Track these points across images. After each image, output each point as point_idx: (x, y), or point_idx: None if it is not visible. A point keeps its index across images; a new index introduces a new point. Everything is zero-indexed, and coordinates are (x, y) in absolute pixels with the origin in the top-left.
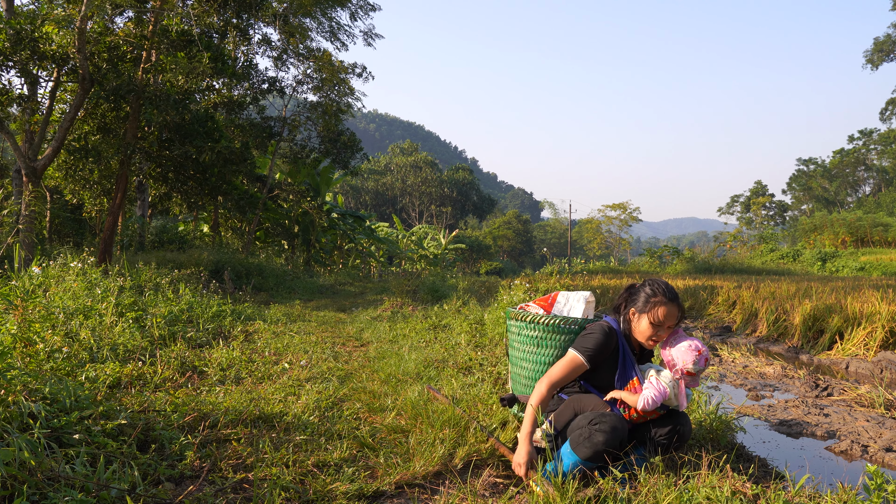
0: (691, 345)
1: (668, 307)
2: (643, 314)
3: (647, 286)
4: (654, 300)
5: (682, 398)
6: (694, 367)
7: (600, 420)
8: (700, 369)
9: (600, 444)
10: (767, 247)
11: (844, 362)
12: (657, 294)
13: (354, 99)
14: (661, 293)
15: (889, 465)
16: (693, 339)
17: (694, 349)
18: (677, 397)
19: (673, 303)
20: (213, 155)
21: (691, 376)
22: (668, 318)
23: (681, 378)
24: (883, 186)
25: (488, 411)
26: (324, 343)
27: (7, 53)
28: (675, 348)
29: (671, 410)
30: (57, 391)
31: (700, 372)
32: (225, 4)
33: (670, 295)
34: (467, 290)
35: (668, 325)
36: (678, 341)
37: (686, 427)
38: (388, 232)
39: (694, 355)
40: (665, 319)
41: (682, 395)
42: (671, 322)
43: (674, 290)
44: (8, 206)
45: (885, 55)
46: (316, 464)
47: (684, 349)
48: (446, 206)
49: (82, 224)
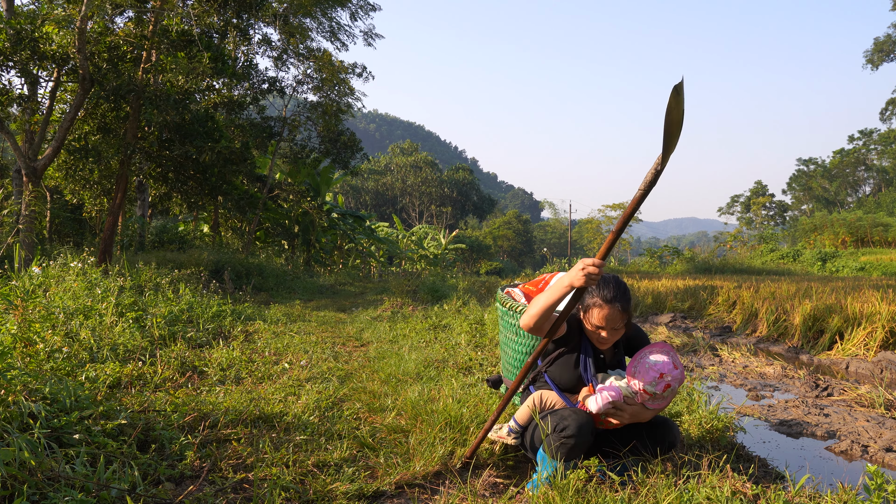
0: (655, 364)
1: (604, 310)
2: (584, 313)
3: (597, 283)
4: (590, 301)
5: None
6: (650, 388)
7: (564, 424)
8: (656, 392)
9: (572, 445)
10: (767, 247)
11: (844, 362)
12: (594, 294)
13: (354, 99)
14: (599, 294)
15: (889, 465)
16: (663, 358)
17: (654, 370)
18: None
19: (611, 305)
20: (213, 155)
21: (650, 396)
22: (607, 321)
23: (638, 395)
24: (883, 186)
25: (488, 411)
26: (324, 343)
27: (7, 53)
28: (639, 362)
29: (656, 419)
30: (57, 391)
31: (660, 395)
32: (225, 4)
33: (609, 296)
34: (467, 290)
35: (610, 326)
36: (648, 355)
37: (670, 436)
38: (388, 232)
39: (652, 376)
40: (601, 323)
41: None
42: (613, 325)
43: (619, 291)
44: (8, 206)
45: (885, 55)
46: (316, 464)
47: (646, 367)
48: (446, 206)
49: (82, 224)
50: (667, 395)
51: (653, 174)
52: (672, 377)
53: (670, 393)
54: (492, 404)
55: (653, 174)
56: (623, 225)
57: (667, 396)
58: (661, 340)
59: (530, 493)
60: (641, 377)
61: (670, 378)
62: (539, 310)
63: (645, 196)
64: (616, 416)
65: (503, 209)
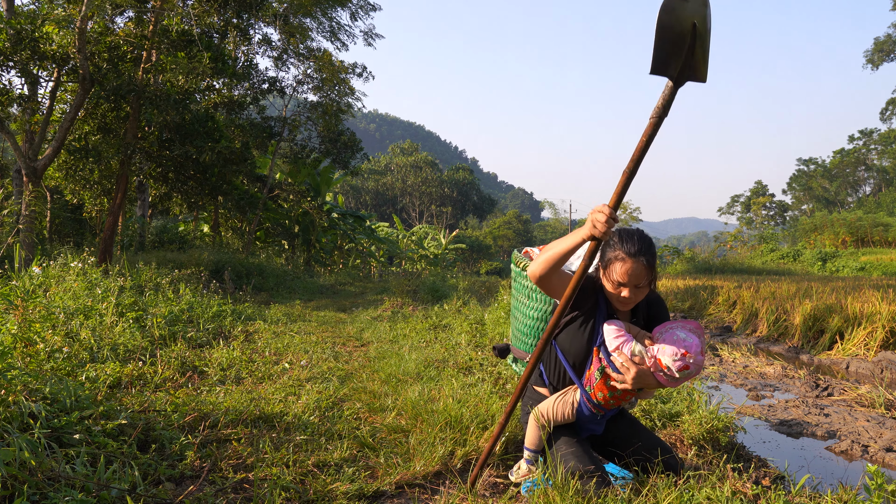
0: (684, 340)
1: (627, 264)
2: (605, 270)
3: (615, 235)
4: (611, 254)
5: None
6: (667, 361)
7: (576, 469)
8: (671, 368)
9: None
10: (768, 247)
11: (845, 362)
12: (616, 247)
13: (355, 99)
14: (622, 247)
15: (889, 465)
16: (694, 339)
17: (680, 344)
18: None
19: (635, 259)
20: (213, 155)
21: (664, 369)
22: (630, 278)
23: (651, 360)
24: (883, 186)
25: (488, 411)
26: (324, 343)
27: (7, 53)
28: (667, 331)
29: (658, 443)
30: (57, 391)
31: (674, 374)
32: (225, 4)
33: (633, 250)
34: (467, 290)
35: (633, 284)
36: (679, 329)
37: (671, 460)
38: (389, 232)
39: (675, 350)
40: (624, 279)
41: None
42: (636, 281)
43: (644, 245)
44: (8, 206)
45: (885, 55)
46: (316, 464)
47: (673, 338)
48: (446, 206)
49: (82, 224)
50: (679, 378)
51: (665, 96)
52: (694, 361)
53: (684, 376)
54: (491, 404)
55: (665, 96)
56: (636, 164)
57: (679, 379)
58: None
59: (526, 494)
60: (663, 346)
61: (692, 361)
62: (549, 257)
63: (658, 126)
64: (623, 373)
65: (503, 209)
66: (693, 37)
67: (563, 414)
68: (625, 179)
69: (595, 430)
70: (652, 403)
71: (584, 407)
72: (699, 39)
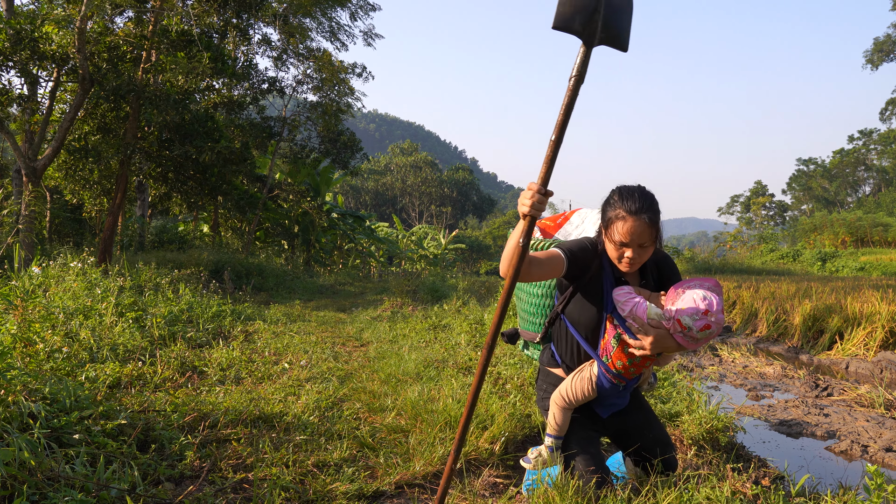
0: (704, 298)
1: (628, 223)
2: (606, 231)
3: (614, 194)
4: (611, 214)
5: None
6: (687, 321)
7: (587, 477)
8: (692, 327)
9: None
10: (767, 247)
11: (844, 362)
12: (616, 206)
13: (354, 99)
14: (622, 205)
15: (889, 465)
16: (714, 297)
17: (701, 302)
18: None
19: (636, 217)
20: (213, 155)
21: (683, 329)
22: (632, 236)
23: (670, 322)
24: (883, 186)
25: (487, 411)
26: (324, 343)
27: (7, 53)
28: (686, 290)
29: (663, 437)
30: (57, 391)
31: (693, 334)
32: (225, 4)
33: (634, 207)
34: (467, 290)
35: (637, 243)
36: (698, 287)
37: (671, 459)
38: (388, 232)
39: (696, 308)
40: (625, 238)
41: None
42: (640, 240)
43: (646, 201)
44: (8, 206)
45: (885, 55)
46: (316, 464)
47: (692, 297)
48: (446, 206)
49: (82, 224)
50: (699, 338)
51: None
52: (715, 319)
53: (704, 336)
54: (491, 404)
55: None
56: (560, 131)
57: (699, 339)
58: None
59: (526, 494)
60: (682, 305)
61: (713, 319)
62: (507, 254)
63: (576, 90)
64: (641, 338)
65: (503, 209)
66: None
67: (582, 391)
68: (552, 149)
69: (619, 403)
70: (651, 403)
71: (603, 379)
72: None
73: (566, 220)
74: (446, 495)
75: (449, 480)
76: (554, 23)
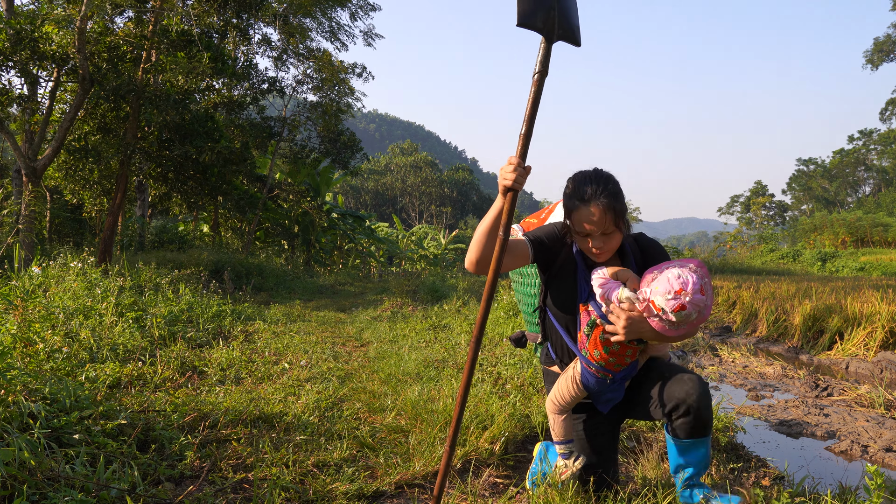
0: (678, 277)
1: (584, 211)
2: (569, 223)
3: (569, 182)
4: (568, 204)
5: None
6: (659, 301)
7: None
8: (665, 310)
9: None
10: (767, 247)
11: (844, 362)
12: (570, 195)
13: (354, 99)
14: (573, 192)
15: (889, 465)
16: (690, 276)
17: (673, 282)
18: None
19: (589, 204)
20: (213, 155)
21: (658, 311)
22: (590, 224)
23: (643, 304)
24: (883, 186)
25: (487, 411)
26: (324, 343)
27: (7, 53)
28: (659, 271)
29: (671, 371)
30: (57, 391)
31: (669, 317)
32: (225, 4)
33: (587, 193)
34: (467, 290)
35: (598, 231)
36: (673, 267)
37: (687, 398)
38: (388, 232)
39: (667, 288)
40: (584, 228)
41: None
42: (600, 228)
43: (600, 185)
44: (8, 206)
45: (885, 55)
46: (316, 464)
47: (665, 277)
48: (446, 206)
49: (82, 224)
50: (677, 321)
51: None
52: (691, 300)
53: (682, 319)
54: (491, 404)
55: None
56: (529, 124)
57: (677, 322)
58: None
59: (530, 487)
60: (656, 286)
61: (688, 300)
62: (479, 235)
63: (541, 84)
64: (614, 322)
65: None
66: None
67: (569, 392)
68: (522, 141)
69: (613, 398)
70: None
71: (587, 375)
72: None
73: (550, 213)
74: (443, 494)
75: (444, 478)
76: (518, 20)
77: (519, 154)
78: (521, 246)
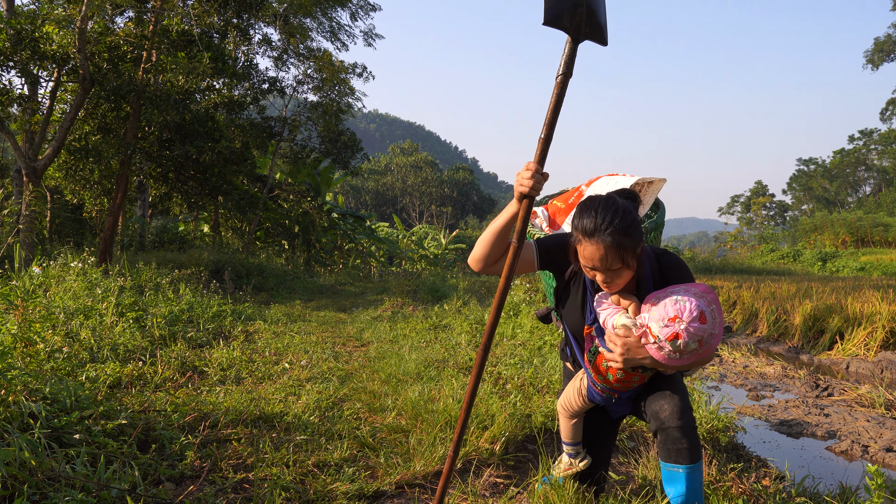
0: (675, 303)
1: (588, 247)
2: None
3: (577, 208)
4: (573, 233)
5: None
6: (655, 329)
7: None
8: (660, 337)
9: None
10: (768, 247)
11: (845, 362)
12: (575, 225)
13: (355, 99)
14: (577, 224)
15: (889, 465)
16: (690, 302)
17: (670, 309)
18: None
19: (591, 240)
20: (213, 155)
21: (654, 339)
22: (595, 262)
23: (642, 334)
24: (883, 186)
25: (487, 411)
26: (324, 343)
27: (7, 53)
28: (662, 294)
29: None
30: (57, 391)
31: (664, 343)
32: (225, 4)
33: (590, 227)
34: (467, 290)
35: (604, 267)
36: (676, 293)
37: (669, 409)
38: (389, 232)
39: (662, 314)
40: (588, 263)
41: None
42: (605, 264)
43: (607, 218)
44: (8, 206)
45: (886, 55)
46: (316, 464)
47: (664, 302)
48: (446, 206)
49: (82, 224)
50: (673, 349)
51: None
52: (686, 329)
53: (679, 349)
54: (491, 404)
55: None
56: (550, 128)
57: (674, 351)
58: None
59: (539, 487)
60: (653, 312)
61: (682, 328)
62: (487, 236)
63: (564, 85)
64: (612, 349)
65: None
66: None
67: (576, 402)
68: (541, 146)
69: (621, 411)
70: None
71: (592, 392)
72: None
73: (581, 196)
74: (445, 495)
75: (447, 481)
76: (545, 18)
77: (537, 159)
78: (527, 252)
